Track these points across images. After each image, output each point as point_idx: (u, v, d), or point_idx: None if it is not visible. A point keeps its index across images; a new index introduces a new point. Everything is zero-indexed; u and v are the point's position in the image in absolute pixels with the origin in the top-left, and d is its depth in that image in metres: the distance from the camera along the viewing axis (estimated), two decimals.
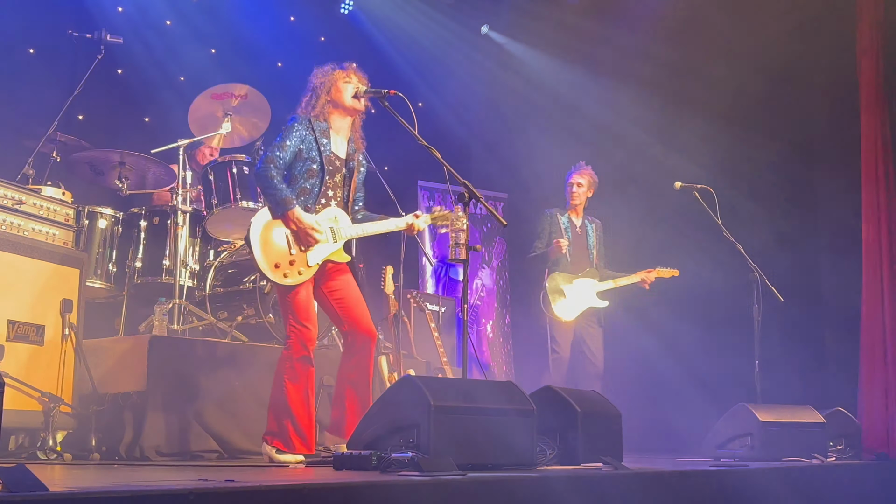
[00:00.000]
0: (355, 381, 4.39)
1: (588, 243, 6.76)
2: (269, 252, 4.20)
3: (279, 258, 4.21)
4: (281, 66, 7.94)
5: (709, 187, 6.23)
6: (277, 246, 4.22)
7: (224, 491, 2.19)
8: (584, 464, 3.95)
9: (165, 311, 5.26)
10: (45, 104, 5.90)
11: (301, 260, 4.26)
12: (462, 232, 4.02)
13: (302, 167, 4.35)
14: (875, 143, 6.85)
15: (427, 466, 2.95)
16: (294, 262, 4.24)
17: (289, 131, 4.35)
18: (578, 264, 6.66)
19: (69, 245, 4.74)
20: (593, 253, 6.77)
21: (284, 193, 4.23)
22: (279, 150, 4.29)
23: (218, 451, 4.85)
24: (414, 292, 6.97)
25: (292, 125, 4.37)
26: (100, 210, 5.51)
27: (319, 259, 4.31)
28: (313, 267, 4.29)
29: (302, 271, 4.25)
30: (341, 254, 4.41)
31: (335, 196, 4.44)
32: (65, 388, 4.44)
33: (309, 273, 4.28)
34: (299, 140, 4.34)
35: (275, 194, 4.23)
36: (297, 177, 4.35)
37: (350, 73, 4.47)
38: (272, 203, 4.25)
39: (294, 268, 4.23)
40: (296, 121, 4.39)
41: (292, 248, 4.24)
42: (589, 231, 6.80)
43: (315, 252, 4.29)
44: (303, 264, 4.26)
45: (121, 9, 7.01)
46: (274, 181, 4.23)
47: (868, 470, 5.27)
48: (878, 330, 6.62)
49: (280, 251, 4.22)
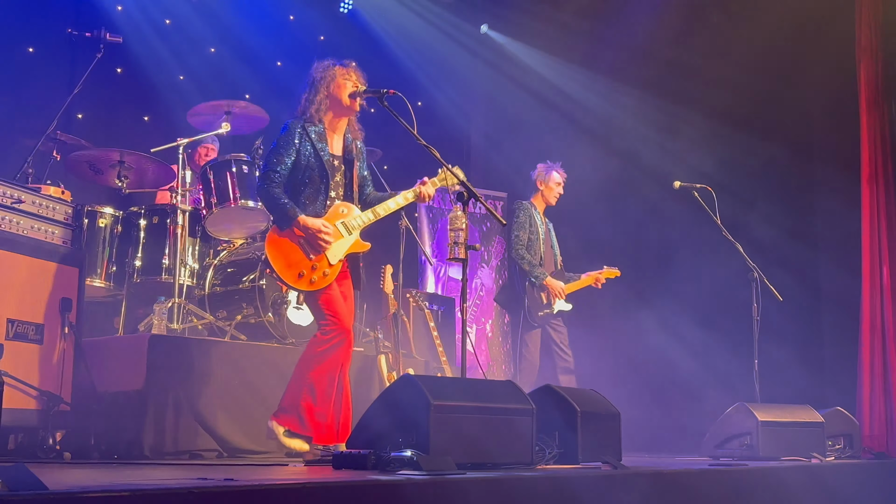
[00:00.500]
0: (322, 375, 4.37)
1: (552, 243, 6.74)
2: (289, 266, 4.21)
3: (301, 268, 4.22)
4: (280, 65, 7.93)
5: (708, 187, 6.23)
6: (294, 258, 4.23)
7: (223, 490, 2.19)
8: (584, 463, 3.95)
9: (165, 310, 5.26)
10: (45, 103, 5.90)
11: (323, 262, 4.26)
12: (461, 231, 4.03)
13: (303, 175, 4.34)
14: (875, 143, 6.86)
15: (426, 465, 2.95)
16: (317, 267, 4.24)
17: (283, 141, 4.33)
18: (548, 264, 6.61)
19: (68, 244, 4.73)
20: (557, 253, 6.73)
21: (288, 206, 4.23)
22: (277, 164, 4.29)
23: (217, 449, 4.84)
24: (413, 291, 6.96)
25: (286, 134, 4.35)
26: (99, 209, 5.50)
27: (341, 255, 4.32)
28: (336, 265, 4.30)
29: (327, 272, 4.27)
30: (360, 243, 4.42)
31: (338, 195, 4.44)
32: (64, 387, 4.44)
33: (334, 273, 4.29)
34: (294, 150, 4.32)
35: (279, 209, 4.24)
36: (298, 184, 4.35)
37: (350, 72, 4.46)
38: (278, 218, 4.27)
39: (318, 272, 4.24)
40: (287, 129, 4.36)
41: (310, 254, 4.24)
42: (552, 231, 6.78)
43: (334, 250, 4.29)
44: (325, 266, 4.27)
45: (120, 7, 7.00)
46: (275, 197, 4.24)
47: (867, 469, 5.27)
48: (878, 329, 6.63)
49: (299, 261, 4.23)
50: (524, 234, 6.51)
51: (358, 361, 5.68)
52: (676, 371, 7.48)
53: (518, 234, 6.50)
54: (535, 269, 6.43)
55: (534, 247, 6.53)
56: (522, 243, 6.50)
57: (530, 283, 6.44)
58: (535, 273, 6.41)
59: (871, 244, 6.76)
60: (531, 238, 6.53)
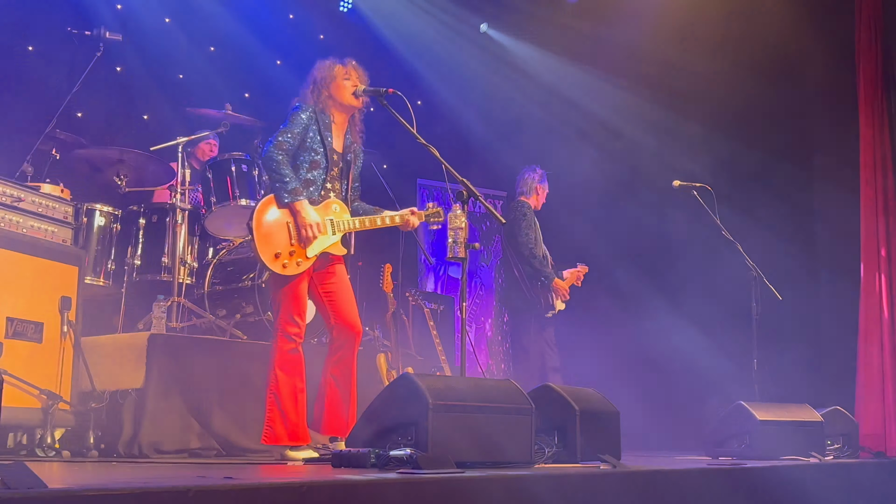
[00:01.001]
0: (337, 376, 4.42)
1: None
2: (269, 241, 4.19)
3: (280, 247, 4.21)
4: (280, 63, 7.93)
5: (707, 186, 6.23)
6: (278, 236, 4.22)
7: (223, 488, 2.19)
8: (583, 462, 3.95)
9: (164, 308, 5.26)
10: (44, 101, 5.90)
11: (300, 251, 4.26)
12: (461, 230, 4.02)
13: (305, 157, 4.34)
14: (874, 142, 6.88)
15: (425, 464, 2.95)
16: (294, 253, 4.23)
17: (295, 118, 4.33)
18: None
19: (68, 242, 4.73)
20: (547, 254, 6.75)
21: (293, 183, 4.22)
22: (288, 136, 4.28)
23: (217, 448, 4.85)
24: (413, 291, 6.97)
25: (298, 112, 4.35)
26: (98, 207, 5.50)
27: (318, 250, 4.31)
28: (311, 258, 4.29)
29: (300, 262, 4.25)
30: (339, 246, 4.41)
31: (334, 188, 4.44)
32: (63, 386, 4.43)
33: (307, 264, 4.28)
34: (304, 128, 4.33)
35: (283, 182, 4.21)
36: (299, 167, 4.34)
37: (350, 71, 4.46)
38: (279, 190, 4.23)
39: (293, 259, 4.23)
40: (300, 109, 4.37)
41: (293, 239, 4.24)
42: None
43: (315, 245, 4.29)
44: (301, 255, 4.26)
45: (120, 6, 7.00)
46: (282, 167, 4.22)
47: (865, 469, 5.27)
48: (876, 329, 6.64)
49: (281, 241, 4.22)
50: (533, 233, 6.49)
51: (357, 360, 5.68)
52: (675, 370, 7.48)
53: (528, 234, 6.47)
54: (546, 270, 6.42)
55: (539, 247, 6.54)
56: (534, 243, 6.48)
57: (541, 284, 6.41)
58: (545, 273, 6.39)
59: (869, 244, 6.77)
60: (536, 238, 6.53)
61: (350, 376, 4.42)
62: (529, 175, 6.72)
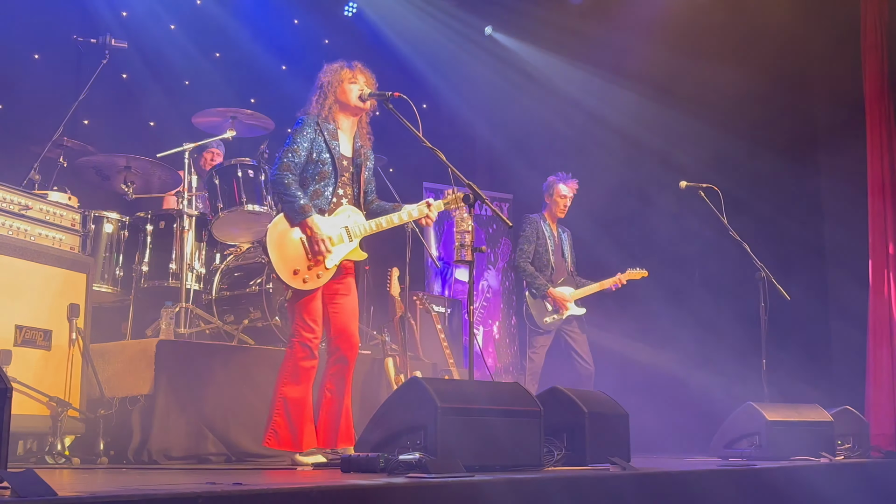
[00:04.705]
0: (333, 390, 4.42)
1: (564, 252, 6.82)
2: (286, 259, 4.20)
3: (297, 264, 4.22)
4: (285, 69, 7.95)
5: (714, 186, 6.21)
6: (294, 252, 4.22)
7: (232, 494, 2.19)
8: (592, 464, 3.94)
9: (172, 314, 5.27)
10: (51, 109, 5.92)
11: (320, 264, 4.25)
12: (467, 233, 4.02)
13: (313, 170, 4.35)
14: (880, 140, 6.86)
15: (435, 468, 2.95)
16: (312, 267, 4.24)
17: (298, 134, 4.34)
18: (558, 273, 6.72)
19: (76, 250, 4.74)
20: (568, 261, 6.83)
21: (302, 201, 4.22)
22: (292, 155, 4.29)
23: (225, 454, 4.85)
24: (420, 294, 6.96)
25: (300, 127, 4.36)
26: (106, 214, 5.52)
27: (337, 260, 4.32)
28: (331, 269, 4.30)
29: (321, 274, 4.26)
30: (358, 252, 4.42)
31: (346, 194, 4.44)
32: (72, 393, 4.45)
33: (328, 275, 4.29)
34: (309, 142, 4.33)
35: (292, 202, 4.22)
36: (308, 179, 4.34)
37: (357, 74, 4.46)
38: (289, 210, 4.24)
39: (313, 272, 4.24)
40: (303, 123, 4.38)
41: (309, 255, 4.24)
42: (564, 239, 6.85)
43: (332, 255, 4.29)
44: (321, 268, 4.26)
45: (125, 13, 7.02)
46: (291, 188, 4.23)
47: (876, 468, 5.25)
48: (885, 327, 6.62)
49: (298, 257, 4.22)
50: (529, 246, 6.68)
51: (365, 364, 5.69)
52: (684, 371, 7.46)
53: (523, 247, 6.69)
54: (537, 281, 6.59)
55: (542, 258, 6.67)
56: (527, 256, 6.67)
57: (531, 294, 6.59)
58: (535, 285, 6.59)
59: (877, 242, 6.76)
60: (538, 250, 6.69)
61: (344, 389, 4.43)
62: (544, 186, 6.82)
